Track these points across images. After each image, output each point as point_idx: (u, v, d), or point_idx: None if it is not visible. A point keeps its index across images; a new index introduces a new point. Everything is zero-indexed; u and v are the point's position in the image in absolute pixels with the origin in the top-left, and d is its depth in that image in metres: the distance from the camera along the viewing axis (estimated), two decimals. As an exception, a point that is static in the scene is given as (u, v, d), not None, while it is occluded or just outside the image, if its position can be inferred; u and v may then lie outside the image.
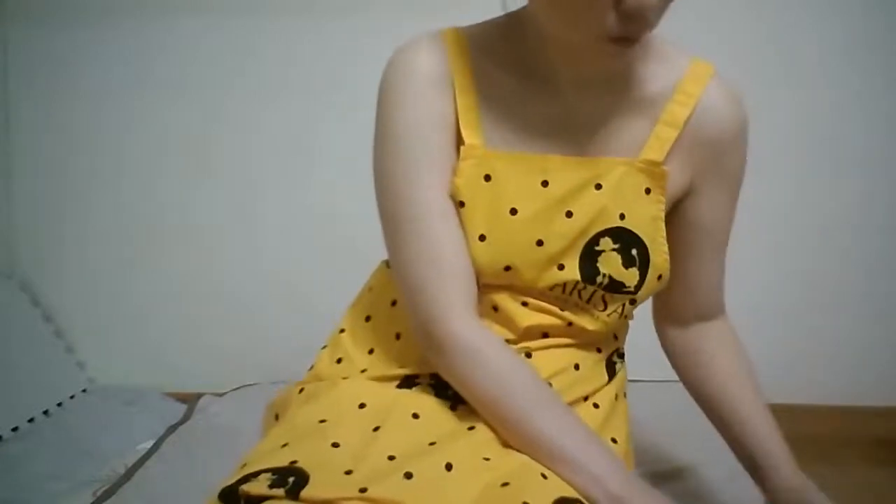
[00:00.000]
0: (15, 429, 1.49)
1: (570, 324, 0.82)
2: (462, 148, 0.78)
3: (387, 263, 0.92)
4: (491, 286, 0.81)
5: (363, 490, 0.64)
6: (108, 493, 1.07)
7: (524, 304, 0.82)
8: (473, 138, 0.78)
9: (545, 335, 0.83)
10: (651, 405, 1.13)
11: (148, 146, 1.71)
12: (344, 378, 0.84)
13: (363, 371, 0.85)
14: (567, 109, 0.79)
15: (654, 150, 0.80)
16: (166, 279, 1.75)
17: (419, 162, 0.77)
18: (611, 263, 0.79)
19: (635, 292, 0.80)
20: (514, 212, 0.78)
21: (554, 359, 0.82)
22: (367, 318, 0.90)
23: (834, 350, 1.68)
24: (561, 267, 0.79)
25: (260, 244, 1.72)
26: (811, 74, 1.60)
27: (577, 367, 0.83)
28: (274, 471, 0.66)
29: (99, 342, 1.79)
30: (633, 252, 0.79)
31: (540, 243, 0.78)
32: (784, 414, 1.59)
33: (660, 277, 0.82)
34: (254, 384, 1.49)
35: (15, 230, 1.77)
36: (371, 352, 0.87)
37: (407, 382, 0.83)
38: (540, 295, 0.81)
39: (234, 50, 1.66)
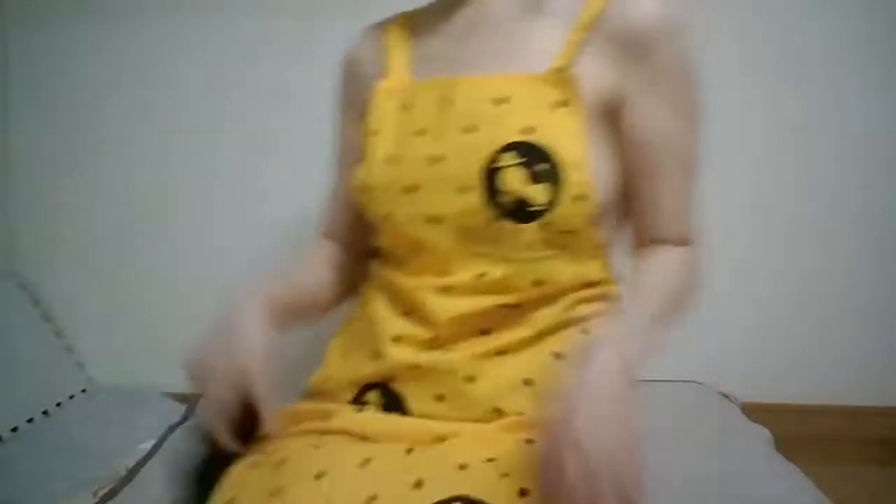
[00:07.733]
0: (14, 429, 1.49)
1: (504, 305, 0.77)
2: (382, 83, 0.88)
3: None
4: (407, 283, 0.81)
5: None
6: (109, 494, 1.07)
7: (445, 290, 0.78)
8: (400, 73, 0.88)
9: (484, 332, 0.78)
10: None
11: (148, 146, 1.71)
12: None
13: (328, 376, 0.88)
14: (481, 32, 0.83)
15: (563, 59, 0.78)
16: (167, 279, 1.75)
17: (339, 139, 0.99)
18: (513, 180, 0.74)
19: (547, 210, 0.74)
20: (421, 132, 0.81)
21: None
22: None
23: (835, 350, 1.68)
24: (463, 190, 0.76)
25: (262, 244, 1.71)
26: (812, 74, 1.59)
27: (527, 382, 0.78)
28: None
29: (99, 342, 1.78)
30: (542, 168, 0.74)
31: (438, 159, 0.78)
32: (786, 413, 1.60)
33: (580, 198, 0.74)
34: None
35: (15, 230, 1.76)
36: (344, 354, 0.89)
37: (363, 392, 0.83)
38: (460, 264, 0.77)
39: (236, 50, 1.66)
